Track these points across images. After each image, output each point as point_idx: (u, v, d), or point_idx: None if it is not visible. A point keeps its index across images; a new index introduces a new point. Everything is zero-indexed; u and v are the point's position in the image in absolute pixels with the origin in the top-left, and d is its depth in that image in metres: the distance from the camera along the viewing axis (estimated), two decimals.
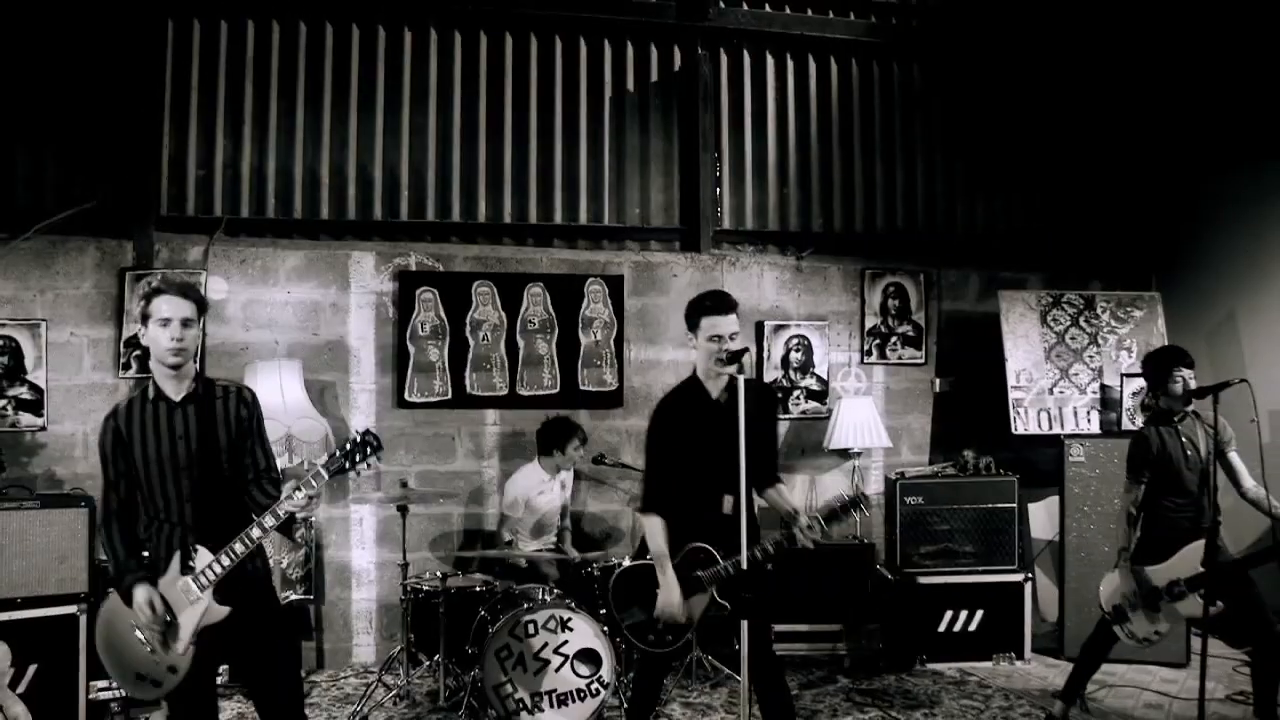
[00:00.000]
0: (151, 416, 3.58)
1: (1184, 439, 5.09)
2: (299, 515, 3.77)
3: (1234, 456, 5.11)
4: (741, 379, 3.87)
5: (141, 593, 3.47)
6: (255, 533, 3.47)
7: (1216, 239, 7.38)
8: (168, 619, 3.48)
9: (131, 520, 3.63)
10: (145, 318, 3.55)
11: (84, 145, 6.39)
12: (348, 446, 3.54)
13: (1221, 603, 4.85)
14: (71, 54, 6.34)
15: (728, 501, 4.05)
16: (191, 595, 3.49)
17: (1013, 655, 6.59)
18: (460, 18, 6.93)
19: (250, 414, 3.73)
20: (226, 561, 3.47)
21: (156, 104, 6.52)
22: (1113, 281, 7.69)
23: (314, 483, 3.47)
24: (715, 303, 4.21)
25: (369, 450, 3.54)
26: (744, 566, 3.85)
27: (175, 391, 3.60)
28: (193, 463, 3.56)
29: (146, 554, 3.60)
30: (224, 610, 3.51)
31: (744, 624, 3.86)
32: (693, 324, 4.22)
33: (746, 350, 3.98)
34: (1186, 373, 5.06)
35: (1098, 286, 7.60)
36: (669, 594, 4.14)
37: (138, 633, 3.53)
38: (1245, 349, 7.09)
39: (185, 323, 3.53)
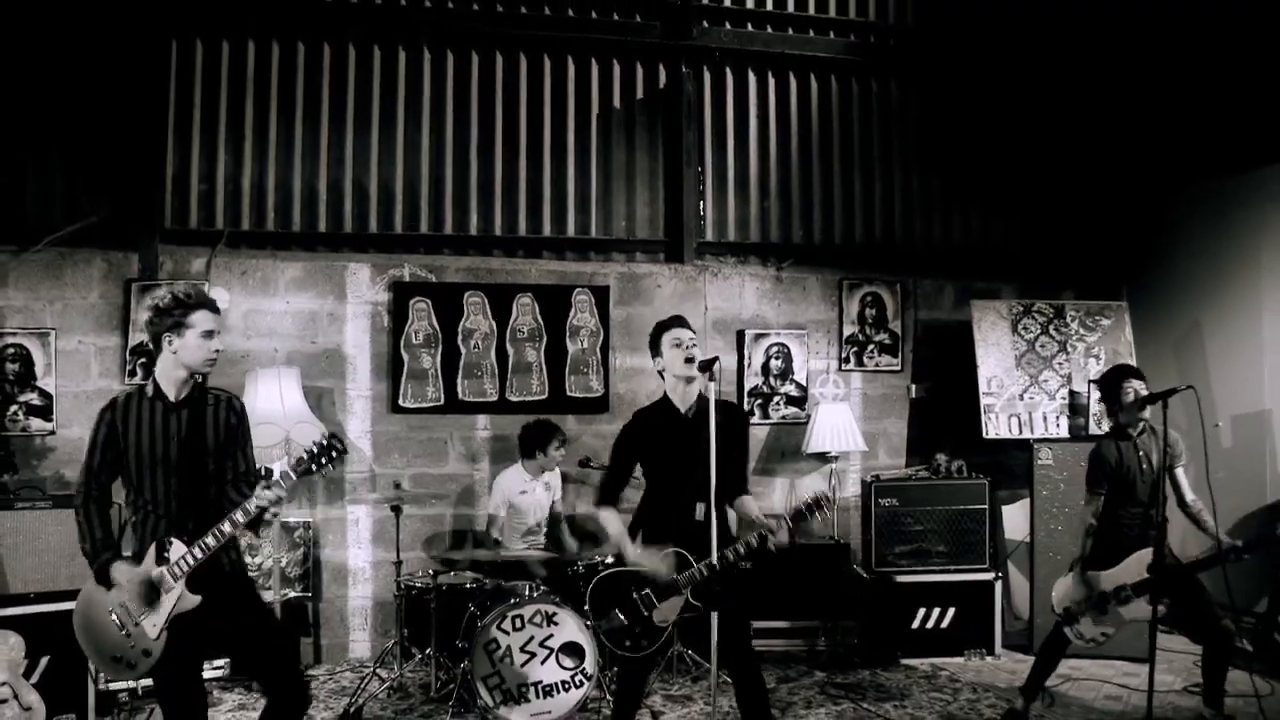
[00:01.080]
0: (148, 414, 3.82)
1: (1140, 453, 5.33)
2: (269, 513, 4.00)
3: (1180, 472, 5.37)
4: (712, 397, 4.13)
5: (121, 569, 3.73)
6: (226, 527, 3.68)
7: (1182, 252, 7.59)
8: (149, 594, 3.72)
9: (107, 506, 3.86)
10: (181, 327, 3.78)
11: (91, 161, 6.59)
12: (314, 450, 3.74)
13: (1168, 604, 5.14)
14: (79, 73, 6.54)
15: (700, 509, 4.25)
16: (165, 585, 3.71)
17: (984, 651, 6.82)
18: (453, 37, 7.13)
19: (239, 422, 3.97)
20: (199, 553, 3.68)
21: (160, 121, 6.73)
22: (1084, 291, 7.91)
23: (283, 483, 3.70)
24: (672, 320, 4.52)
25: (334, 454, 3.75)
26: (715, 566, 4.13)
27: (175, 394, 3.85)
28: (182, 461, 3.80)
29: (127, 539, 3.85)
30: (195, 599, 3.72)
31: (714, 616, 4.14)
32: (656, 345, 4.48)
33: (717, 359, 4.22)
34: (1137, 384, 5.32)
35: (1069, 296, 7.83)
36: (642, 559, 4.36)
37: (113, 616, 3.74)
38: (1209, 357, 7.32)
39: (216, 334, 3.85)
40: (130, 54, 6.65)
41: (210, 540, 3.69)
